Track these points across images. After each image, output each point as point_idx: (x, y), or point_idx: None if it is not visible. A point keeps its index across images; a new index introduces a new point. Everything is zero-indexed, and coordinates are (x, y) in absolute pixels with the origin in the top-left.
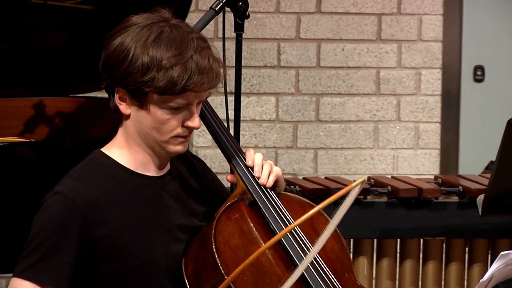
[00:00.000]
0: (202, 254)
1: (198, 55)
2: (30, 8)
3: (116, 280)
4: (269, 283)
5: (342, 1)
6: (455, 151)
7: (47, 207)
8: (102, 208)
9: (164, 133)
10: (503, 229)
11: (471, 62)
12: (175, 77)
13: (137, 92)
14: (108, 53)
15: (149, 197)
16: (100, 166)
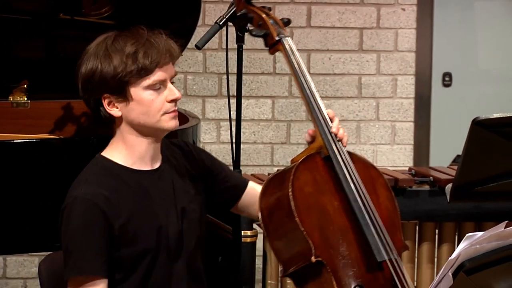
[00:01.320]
0: (279, 195)
1: (151, 38)
2: (59, 22)
3: (132, 263)
4: (332, 230)
5: (329, 17)
6: (426, 146)
7: (70, 213)
8: (113, 203)
9: (154, 114)
10: (468, 213)
11: (440, 69)
12: (140, 59)
13: (119, 87)
14: (82, 78)
15: (149, 188)
16: (104, 169)
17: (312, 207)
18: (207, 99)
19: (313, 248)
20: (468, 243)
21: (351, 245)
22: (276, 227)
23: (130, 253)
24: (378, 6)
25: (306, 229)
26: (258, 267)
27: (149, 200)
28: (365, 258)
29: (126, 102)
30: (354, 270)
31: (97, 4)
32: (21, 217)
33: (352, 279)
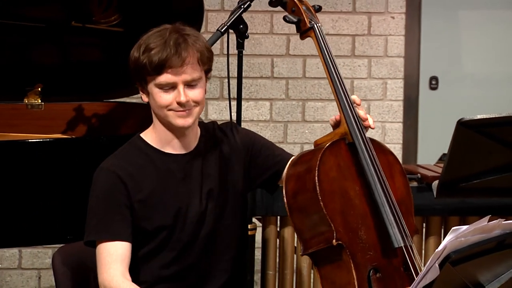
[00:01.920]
0: (305, 177)
1: (173, 38)
2: (71, 30)
3: (146, 237)
4: (353, 215)
5: (323, 25)
6: (414, 145)
7: (96, 181)
8: (137, 179)
9: (161, 108)
10: (454, 208)
11: (427, 73)
12: (153, 56)
13: (141, 80)
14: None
15: (174, 171)
16: (135, 148)
17: (335, 192)
18: (209, 102)
19: (334, 231)
20: (454, 236)
21: (369, 230)
22: (300, 208)
23: (144, 228)
24: (369, 14)
25: (328, 213)
26: (257, 258)
27: (172, 182)
28: (381, 242)
29: (146, 93)
30: (370, 254)
31: (107, 12)
32: (36, 212)
33: (369, 262)
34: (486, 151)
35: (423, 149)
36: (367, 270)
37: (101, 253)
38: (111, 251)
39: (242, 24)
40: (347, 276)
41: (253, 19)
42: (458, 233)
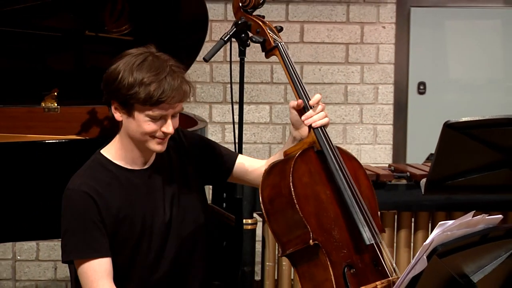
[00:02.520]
0: (280, 184)
1: (170, 77)
2: (85, 38)
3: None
4: (326, 216)
5: (319, 34)
6: (404, 146)
7: (68, 202)
8: (104, 196)
9: (144, 135)
10: (440, 204)
11: (415, 79)
12: (152, 91)
13: (125, 103)
14: (106, 75)
15: (138, 185)
16: (100, 165)
17: (309, 196)
18: (213, 105)
19: (311, 232)
20: (441, 230)
21: (342, 230)
22: (277, 213)
23: (115, 242)
24: (361, 24)
25: (304, 216)
26: (257, 250)
27: (137, 195)
28: (353, 241)
29: (127, 115)
30: (344, 252)
31: (118, 22)
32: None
33: (343, 260)
34: (470, 151)
35: (412, 149)
36: (342, 267)
37: (86, 272)
38: (96, 268)
39: (244, 34)
40: (324, 273)
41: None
42: (445, 227)
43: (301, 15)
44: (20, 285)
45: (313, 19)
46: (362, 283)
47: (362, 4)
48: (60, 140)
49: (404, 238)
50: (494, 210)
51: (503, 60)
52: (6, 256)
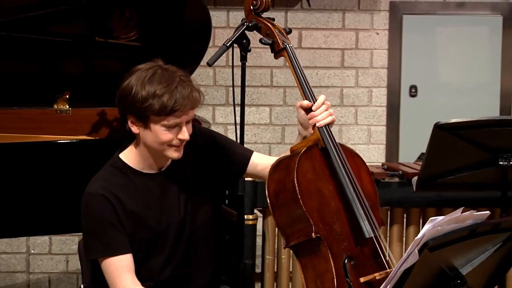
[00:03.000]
0: (285, 180)
1: (180, 86)
2: (95, 44)
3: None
4: (328, 211)
5: (316, 40)
6: (396, 145)
7: (87, 205)
8: (121, 199)
9: (161, 145)
10: (431, 201)
11: (407, 82)
12: (165, 102)
13: (141, 116)
14: (120, 91)
15: (153, 188)
16: (117, 169)
17: (312, 191)
18: (216, 107)
19: (313, 226)
20: (431, 225)
21: (343, 223)
22: (281, 207)
23: (137, 238)
24: (356, 30)
25: (307, 210)
26: (258, 245)
27: (152, 198)
28: (354, 234)
29: (144, 128)
30: (345, 244)
31: (126, 29)
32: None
33: (344, 252)
34: (459, 151)
35: (404, 149)
36: (343, 259)
37: (109, 269)
38: (117, 265)
39: (245, 39)
40: (326, 264)
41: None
42: (435, 222)
43: (299, 22)
44: (33, 278)
45: (310, 26)
46: (362, 274)
47: (357, 12)
48: (71, 140)
49: (396, 233)
50: (482, 206)
51: (491, 65)
52: (20, 250)
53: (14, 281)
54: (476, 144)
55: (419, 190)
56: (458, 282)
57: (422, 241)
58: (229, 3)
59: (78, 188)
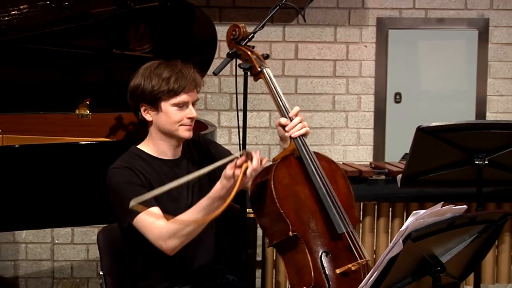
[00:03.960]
0: (264, 186)
1: (184, 69)
2: (113, 56)
3: None
4: (304, 211)
5: (311, 52)
6: (383, 146)
7: (113, 177)
8: (143, 174)
9: (173, 124)
10: (414, 196)
11: (392, 90)
12: (172, 82)
13: (153, 100)
14: (130, 88)
15: (167, 172)
16: (135, 155)
17: (288, 195)
18: (221, 112)
19: (290, 225)
20: (414, 218)
21: (319, 222)
22: (262, 210)
23: None
24: (347, 43)
25: (284, 211)
26: (258, 236)
27: (166, 179)
28: (329, 231)
29: (157, 112)
30: (321, 240)
31: (141, 42)
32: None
33: (320, 247)
34: (439, 151)
35: (390, 150)
36: (320, 254)
37: (142, 222)
38: (147, 217)
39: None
40: (304, 259)
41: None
42: (418, 216)
43: (296, 36)
44: (57, 265)
45: (305, 39)
46: (338, 266)
47: (347, 27)
48: (92, 142)
49: (383, 225)
50: (460, 201)
51: (467, 74)
52: (46, 240)
53: (40, 268)
54: (454, 145)
55: (403, 186)
56: (438, 269)
57: (406, 232)
58: (233, 19)
59: (96, 185)
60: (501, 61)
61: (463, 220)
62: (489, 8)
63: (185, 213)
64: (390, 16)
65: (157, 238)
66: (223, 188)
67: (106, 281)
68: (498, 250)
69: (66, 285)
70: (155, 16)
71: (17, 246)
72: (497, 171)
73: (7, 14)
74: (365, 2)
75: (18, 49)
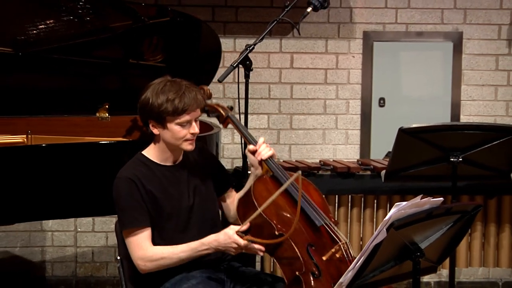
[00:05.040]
0: (247, 200)
1: (187, 91)
2: (129, 65)
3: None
4: (284, 214)
5: (305, 61)
6: (368, 145)
7: (117, 187)
8: (143, 183)
9: (178, 140)
10: (396, 190)
11: (377, 95)
12: (177, 104)
13: (159, 119)
14: (140, 103)
15: (169, 177)
16: (140, 161)
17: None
18: None
19: (275, 227)
20: (396, 209)
21: (300, 220)
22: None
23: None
24: (336, 54)
25: (267, 216)
26: None
27: (167, 184)
28: (309, 226)
29: (162, 128)
30: (304, 235)
31: (154, 53)
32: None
33: (305, 241)
34: (418, 150)
35: (375, 148)
36: (306, 246)
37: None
38: (138, 235)
39: (248, 61)
40: (293, 253)
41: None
42: (400, 207)
43: (291, 47)
44: (80, 251)
45: (300, 50)
46: (323, 254)
47: (337, 39)
48: (110, 141)
49: (368, 215)
50: (437, 194)
51: (443, 81)
52: (69, 228)
53: (64, 253)
54: (432, 144)
55: (386, 181)
56: (418, 254)
57: (389, 222)
58: (236, 32)
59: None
60: (473, 70)
61: (440, 211)
62: (462, 22)
63: (173, 247)
64: (375, 30)
65: (138, 258)
66: (216, 242)
67: (123, 264)
68: (471, 237)
69: (87, 268)
70: (167, 30)
71: (44, 234)
72: (470, 167)
73: (35, 28)
74: (353, 18)
75: (45, 59)
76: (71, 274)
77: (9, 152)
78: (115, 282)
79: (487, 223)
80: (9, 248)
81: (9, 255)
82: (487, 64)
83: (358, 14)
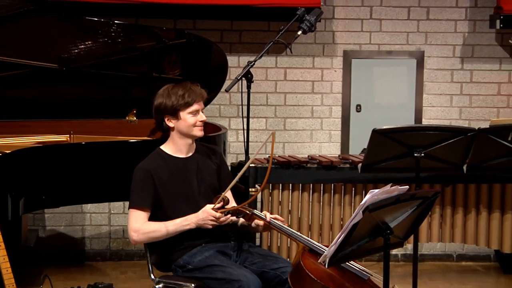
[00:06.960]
0: (300, 269)
1: (193, 87)
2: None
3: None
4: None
5: (296, 74)
6: (347, 143)
7: (135, 174)
8: (158, 173)
9: (190, 127)
10: (370, 179)
11: (355, 102)
12: (187, 97)
13: (174, 112)
14: (155, 107)
15: (181, 167)
16: (157, 154)
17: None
18: (231, 119)
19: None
20: (371, 195)
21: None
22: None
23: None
24: (322, 69)
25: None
26: (258, 207)
27: (179, 174)
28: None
29: (177, 119)
30: None
31: (173, 68)
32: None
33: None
34: (388, 147)
35: (353, 145)
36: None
37: (131, 213)
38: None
39: (250, 74)
40: None
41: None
42: (373, 193)
43: (285, 63)
44: (113, 229)
45: (292, 66)
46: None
47: (322, 57)
48: (138, 140)
49: (347, 200)
50: (403, 182)
51: (408, 91)
52: (104, 210)
53: (100, 231)
54: (399, 142)
55: (362, 172)
56: (388, 232)
57: (365, 205)
58: (240, 51)
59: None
60: (433, 82)
61: (406, 197)
62: (424, 43)
63: (162, 222)
64: (353, 49)
65: (133, 229)
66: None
67: None
68: (431, 218)
69: (119, 243)
70: (184, 49)
71: (83, 215)
72: (430, 161)
73: (76, 48)
74: (335, 39)
75: (84, 73)
76: (105, 248)
77: (55, 148)
78: (141, 254)
79: (444, 206)
80: (55, 227)
81: (55, 232)
82: (444, 77)
83: (339, 36)
